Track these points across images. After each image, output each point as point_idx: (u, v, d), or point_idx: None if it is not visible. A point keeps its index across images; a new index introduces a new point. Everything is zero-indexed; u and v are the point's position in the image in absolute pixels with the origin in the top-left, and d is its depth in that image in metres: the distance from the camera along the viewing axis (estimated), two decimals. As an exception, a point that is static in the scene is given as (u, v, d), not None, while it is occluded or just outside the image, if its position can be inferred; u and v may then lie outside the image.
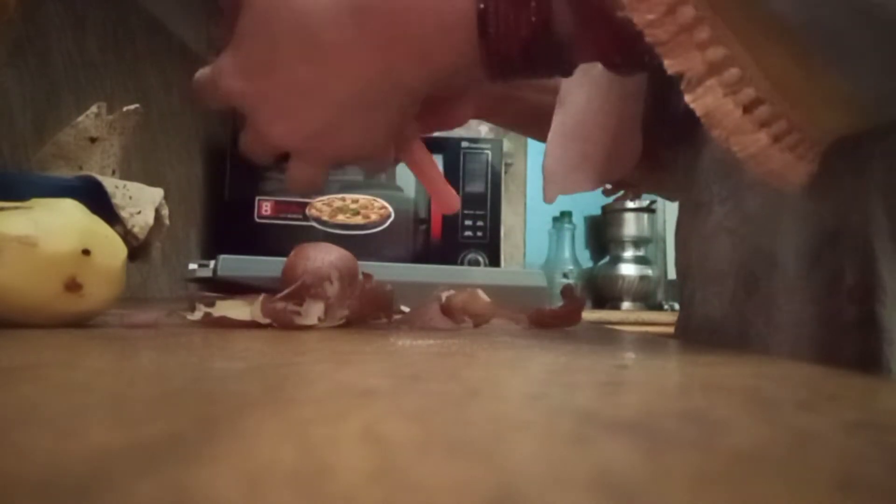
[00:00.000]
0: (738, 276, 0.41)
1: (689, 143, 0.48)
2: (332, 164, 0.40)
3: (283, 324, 0.36)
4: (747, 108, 0.27)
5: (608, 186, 0.69)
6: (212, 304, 0.36)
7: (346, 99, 0.36)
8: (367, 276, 0.41)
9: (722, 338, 0.43)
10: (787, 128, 0.27)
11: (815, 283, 0.36)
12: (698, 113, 0.27)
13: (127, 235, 0.57)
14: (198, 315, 0.36)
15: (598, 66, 0.45)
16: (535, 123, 0.58)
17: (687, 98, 0.27)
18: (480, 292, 0.43)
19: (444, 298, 0.42)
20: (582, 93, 0.50)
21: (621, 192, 0.72)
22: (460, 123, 0.47)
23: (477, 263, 1.51)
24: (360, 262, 0.54)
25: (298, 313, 0.37)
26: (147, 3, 1.15)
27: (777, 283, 0.38)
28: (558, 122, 0.52)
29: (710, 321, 0.44)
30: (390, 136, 0.40)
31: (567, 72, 0.36)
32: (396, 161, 0.44)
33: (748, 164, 0.28)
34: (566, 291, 0.45)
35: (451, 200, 0.45)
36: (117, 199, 0.56)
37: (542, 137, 0.66)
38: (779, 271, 0.38)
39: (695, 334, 0.48)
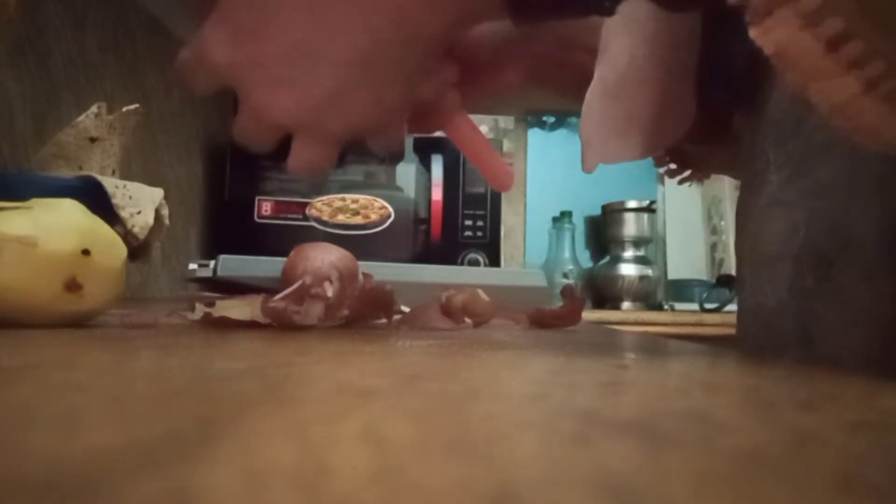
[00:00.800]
0: (799, 259, 0.35)
1: (752, 105, 0.41)
2: (340, 140, 0.36)
3: (283, 324, 0.36)
4: (831, 45, 0.21)
5: (672, 167, 0.57)
6: (212, 305, 0.36)
7: (353, 58, 0.32)
8: (367, 276, 0.41)
9: (777, 333, 0.36)
10: (884, 71, 0.21)
11: (895, 270, 0.30)
12: (768, 51, 0.21)
13: (127, 235, 0.57)
14: (198, 315, 0.37)
15: (644, 9, 0.37)
16: None
17: (753, 32, 0.22)
18: (480, 292, 0.43)
19: (444, 298, 0.42)
20: (625, 41, 0.43)
21: (687, 173, 0.59)
22: (510, 89, 0.41)
23: (477, 263, 1.51)
24: (360, 262, 0.54)
25: (298, 313, 0.37)
26: (147, 3, 1.15)
27: (854, 267, 0.32)
28: (598, 76, 0.45)
29: (762, 312, 0.38)
30: (405, 101, 0.35)
31: (608, 10, 0.30)
32: (431, 129, 0.39)
33: (833, 118, 0.22)
34: (566, 291, 0.45)
35: (504, 177, 0.40)
36: (117, 199, 0.56)
37: None
38: (855, 254, 0.32)
39: (746, 328, 0.41)
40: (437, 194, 1.53)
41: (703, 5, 0.33)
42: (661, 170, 0.58)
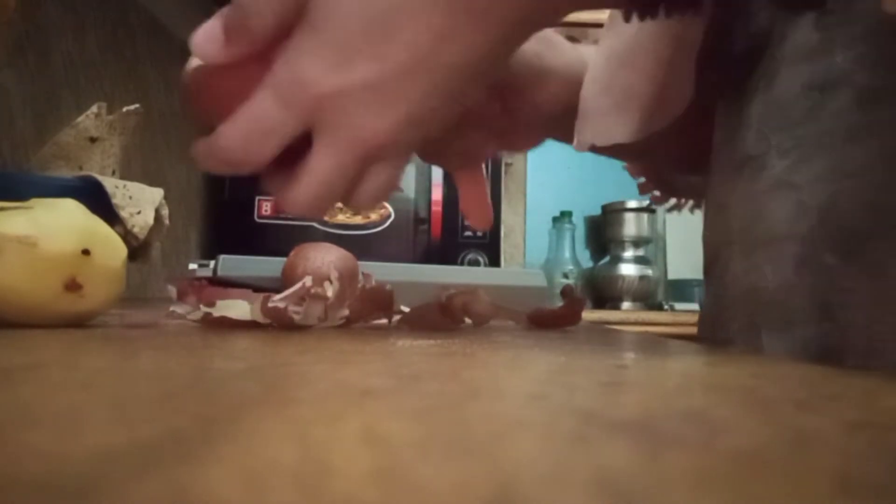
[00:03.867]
0: (811, 238, 0.35)
1: (737, 90, 0.42)
2: (410, 156, 0.36)
3: (283, 324, 0.36)
4: None
5: (657, 193, 0.61)
6: (212, 305, 0.36)
7: (468, 64, 0.31)
8: (367, 276, 0.41)
9: (781, 312, 0.37)
10: None
11: None
12: None
13: (127, 235, 0.57)
14: (198, 315, 0.37)
15: None
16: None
17: None
18: (481, 292, 0.43)
19: (444, 298, 0.42)
20: None
21: (673, 201, 0.62)
22: (532, 146, 0.45)
23: (477, 263, 1.51)
24: (360, 262, 0.54)
25: (298, 313, 0.37)
26: (147, 3, 1.15)
27: (888, 244, 0.32)
28: (605, 46, 0.45)
29: (755, 293, 0.38)
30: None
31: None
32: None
33: None
34: (566, 291, 0.45)
35: (488, 216, 0.43)
36: (117, 199, 0.56)
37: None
38: (891, 231, 0.32)
39: (727, 313, 0.41)
40: (437, 194, 1.53)
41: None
42: (648, 197, 0.61)
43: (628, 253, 2.02)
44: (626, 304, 1.99)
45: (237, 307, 0.37)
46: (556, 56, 0.44)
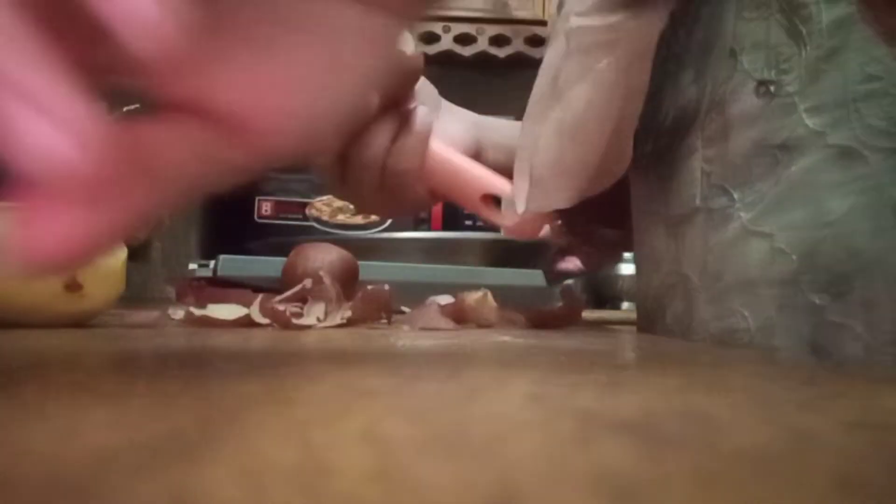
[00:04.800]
0: (794, 282, 0.38)
1: (672, 152, 0.46)
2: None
3: (283, 324, 0.36)
4: None
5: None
6: (203, 307, 0.36)
7: None
8: (362, 284, 0.42)
9: (759, 348, 0.39)
10: None
11: None
12: None
13: (127, 235, 0.57)
14: (180, 314, 0.36)
15: (604, 62, 0.42)
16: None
17: None
18: (482, 293, 0.43)
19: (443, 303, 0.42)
20: (585, 88, 0.47)
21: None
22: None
23: (477, 263, 1.51)
24: (360, 262, 0.54)
25: (298, 313, 0.37)
26: (147, 3, 1.15)
27: (877, 283, 0.35)
28: (556, 118, 0.48)
29: (733, 334, 0.41)
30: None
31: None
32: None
33: None
34: (566, 291, 0.46)
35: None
36: (117, 199, 0.56)
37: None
38: (877, 271, 0.35)
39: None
40: (437, 194, 1.53)
41: None
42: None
43: (627, 253, 2.02)
44: (625, 304, 1.98)
45: (230, 310, 0.36)
46: (492, 133, 0.54)
